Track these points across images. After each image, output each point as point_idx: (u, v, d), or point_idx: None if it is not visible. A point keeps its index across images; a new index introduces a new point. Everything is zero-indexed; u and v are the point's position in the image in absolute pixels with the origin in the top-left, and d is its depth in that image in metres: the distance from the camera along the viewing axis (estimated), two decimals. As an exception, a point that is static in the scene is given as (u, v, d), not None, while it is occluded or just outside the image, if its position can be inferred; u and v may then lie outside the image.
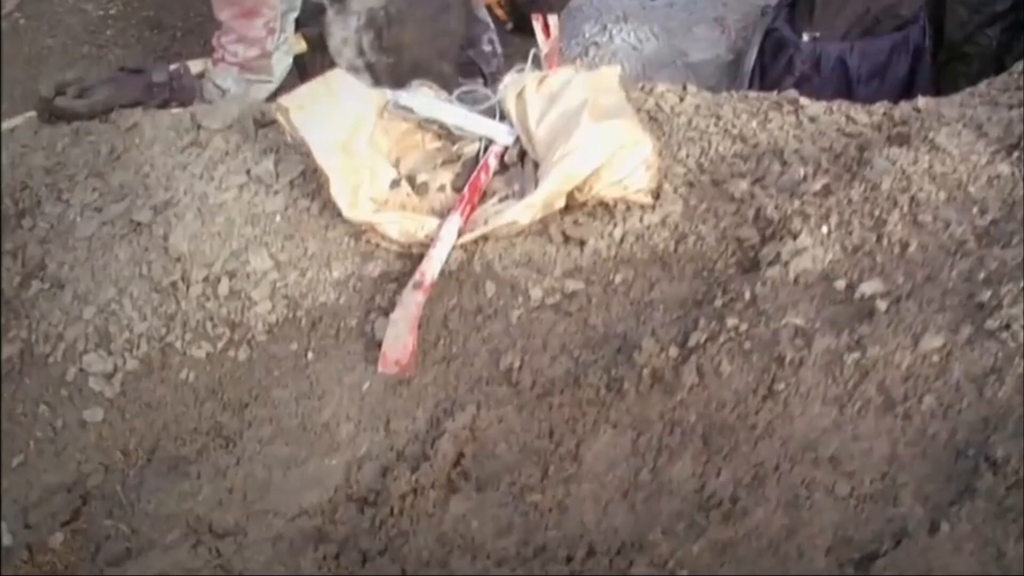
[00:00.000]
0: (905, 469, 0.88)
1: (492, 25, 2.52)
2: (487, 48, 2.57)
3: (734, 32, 2.41)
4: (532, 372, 1.09)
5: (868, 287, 1.04)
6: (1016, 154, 1.23)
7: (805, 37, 2.14)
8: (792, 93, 1.62)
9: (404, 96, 1.34)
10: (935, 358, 0.94)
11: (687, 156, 1.41)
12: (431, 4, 2.23)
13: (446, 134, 1.36)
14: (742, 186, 1.27)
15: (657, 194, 1.29)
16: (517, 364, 1.10)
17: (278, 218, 1.34)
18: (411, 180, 1.30)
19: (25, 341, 1.41)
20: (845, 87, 2.16)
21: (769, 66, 2.23)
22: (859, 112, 1.55)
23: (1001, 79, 1.77)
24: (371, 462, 1.09)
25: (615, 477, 0.97)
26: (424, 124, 1.35)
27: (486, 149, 1.33)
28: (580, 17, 2.64)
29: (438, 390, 1.12)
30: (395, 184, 1.29)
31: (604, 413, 1.02)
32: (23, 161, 1.79)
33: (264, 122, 1.59)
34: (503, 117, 1.35)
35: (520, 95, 1.34)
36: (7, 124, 2.02)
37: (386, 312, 1.19)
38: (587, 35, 2.58)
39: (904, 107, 1.56)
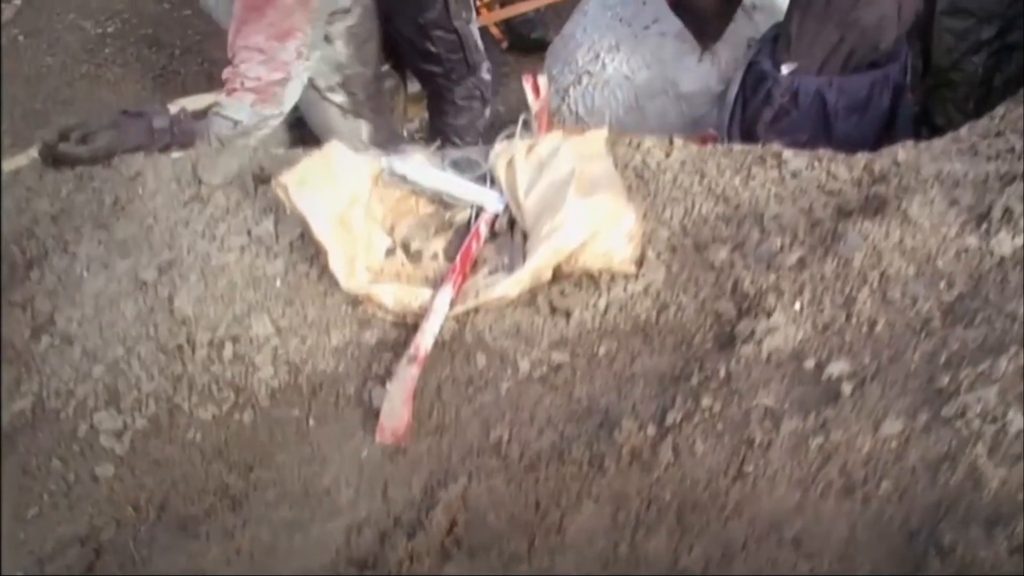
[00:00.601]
0: (862, 551, 0.97)
1: (486, 57, 2.61)
2: (486, 76, 2.64)
3: (724, 63, 2.47)
4: (520, 444, 1.17)
5: (835, 368, 1.12)
6: (984, 225, 1.30)
7: (784, 70, 2.19)
8: (776, 147, 1.69)
9: (398, 163, 1.41)
10: (893, 443, 1.02)
11: (671, 217, 1.49)
12: None
13: (439, 200, 1.43)
14: (722, 255, 1.35)
15: (640, 261, 1.36)
16: (506, 436, 1.18)
17: (278, 282, 1.42)
18: (406, 248, 1.38)
19: (36, 395, 1.49)
20: (823, 121, 2.22)
21: (750, 98, 2.29)
22: (840, 166, 1.62)
23: (983, 123, 1.84)
24: (370, 528, 1.17)
25: (596, 550, 1.06)
26: (417, 191, 1.42)
27: (477, 216, 1.40)
28: (573, 44, 2.70)
29: (432, 460, 1.20)
30: (390, 253, 1.36)
31: (586, 488, 1.10)
32: (28, 206, 1.86)
33: (263, 177, 1.66)
34: (494, 181, 1.43)
35: (510, 163, 1.41)
36: (10, 165, 2.09)
37: (382, 381, 1.27)
38: (580, 63, 2.64)
39: (884, 159, 1.64)
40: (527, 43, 3.35)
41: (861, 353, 1.14)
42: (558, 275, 1.32)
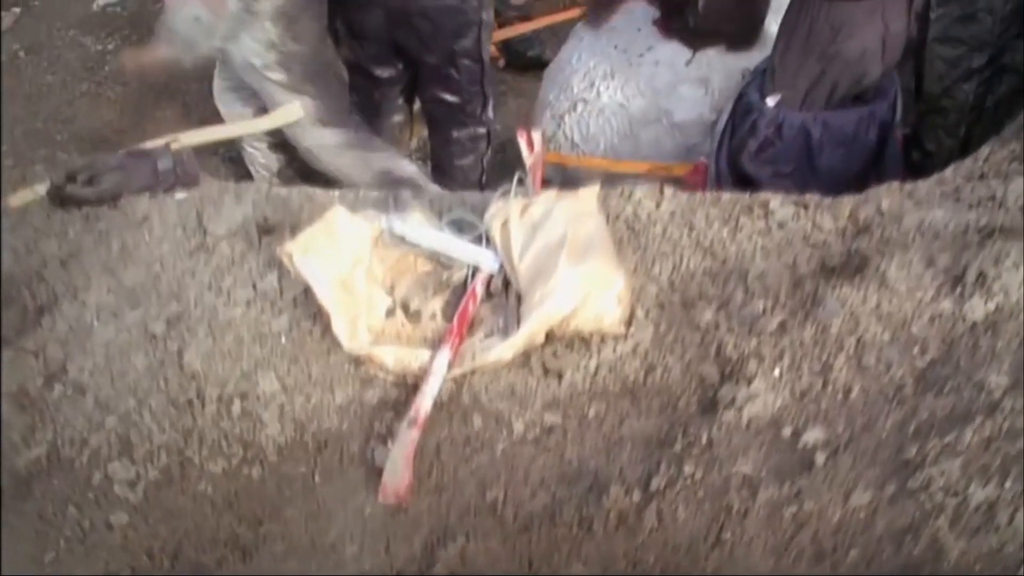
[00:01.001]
0: (830, 618, 1.05)
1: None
2: (491, 115, 2.70)
3: (717, 93, 2.54)
4: (514, 505, 1.25)
5: (811, 436, 1.20)
6: (959, 289, 1.38)
7: (769, 102, 2.25)
8: (763, 195, 1.77)
9: (398, 224, 1.48)
10: (862, 514, 1.10)
11: (660, 273, 1.56)
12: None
13: (436, 259, 1.50)
14: (707, 316, 1.42)
15: (630, 321, 1.44)
16: (501, 497, 1.26)
17: (283, 339, 1.50)
18: (405, 308, 1.45)
19: (51, 443, 1.57)
20: (807, 154, 2.28)
21: (737, 128, 2.36)
22: (825, 215, 1.70)
23: (967, 164, 1.91)
24: (373, 583, 1.26)
25: (585, 610, 1.14)
26: (416, 251, 1.49)
27: (473, 275, 1.48)
28: (569, 70, 2.76)
29: (432, 518, 1.28)
30: (390, 313, 1.44)
31: (576, 550, 1.18)
32: (37, 248, 1.93)
33: (267, 227, 1.74)
34: (490, 241, 1.50)
35: (505, 224, 1.48)
36: (17, 200, 2.16)
37: (384, 440, 1.35)
38: (576, 90, 2.71)
39: (868, 207, 1.71)
40: (524, 61, 3.40)
41: (836, 421, 1.22)
42: (551, 336, 1.39)
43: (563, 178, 2.77)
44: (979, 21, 2.59)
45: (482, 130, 2.66)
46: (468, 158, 2.65)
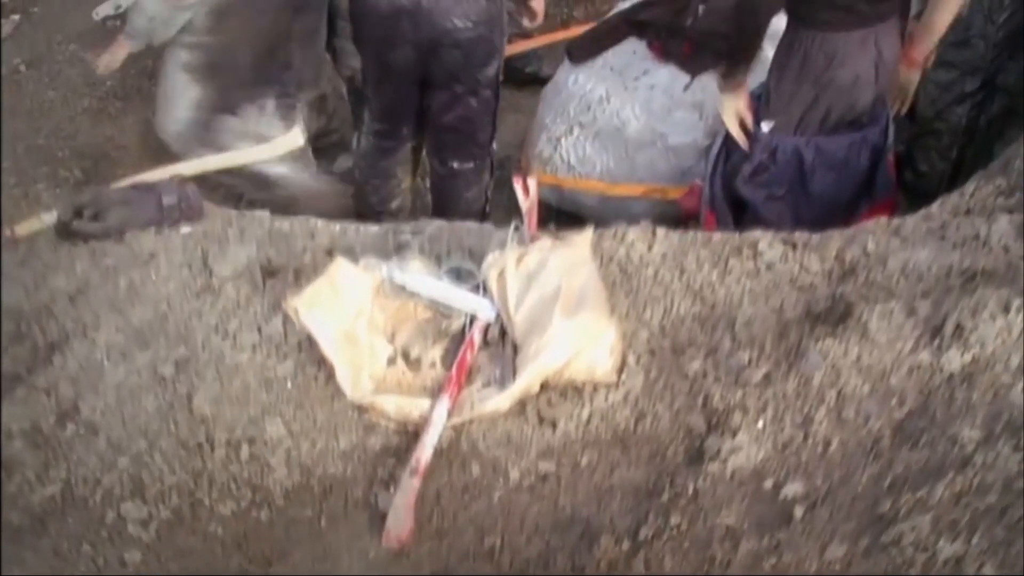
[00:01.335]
0: (806, 668, 1.13)
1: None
2: (494, 146, 2.76)
3: (711, 118, 2.60)
4: (511, 552, 1.33)
5: (791, 489, 1.28)
6: (937, 341, 1.45)
7: (764, 127, 2.31)
8: (753, 236, 1.83)
9: (398, 274, 1.55)
10: (837, 567, 1.18)
11: (651, 318, 1.64)
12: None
13: (435, 306, 1.58)
14: (695, 364, 1.50)
15: (621, 367, 1.52)
16: (498, 544, 1.34)
17: (289, 384, 1.57)
18: (406, 356, 1.52)
19: (65, 482, 1.64)
20: (800, 178, 2.35)
21: (732, 152, 2.42)
22: (812, 257, 1.77)
23: (954, 199, 1.98)
24: (377, 624, 1.34)
25: (576, 656, 1.22)
26: (416, 299, 1.56)
27: (471, 323, 1.55)
28: (566, 93, 2.82)
29: (433, 562, 1.36)
30: (391, 361, 1.51)
31: (569, 597, 1.26)
32: (45, 282, 2.00)
33: (271, 270, 1.81)
34: (487, 290, 1.57)
35: (501, 274, 1.55)
36: (24, 229, 2.22)
37: (387, 486, 1.43)
38: (572, 114, 2.77)
39: (855, 248, 1.78)
40: (521, 77, 3.45)
41: (815, 474, 1.29)
42: (545, 385, 1.47)
43: (560, 199, 2.84)
44: (972, 46, 2.65)
45: (487, 161, 2.72)
46: (473, 190, 2.71)
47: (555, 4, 3.64)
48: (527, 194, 1.68)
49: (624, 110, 2.67)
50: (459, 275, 1.58)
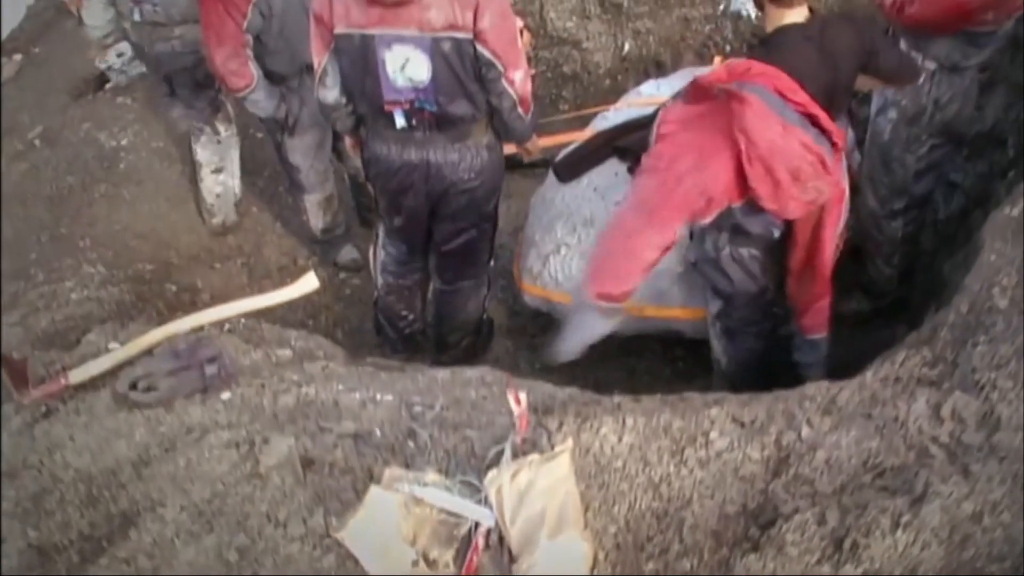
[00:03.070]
0: None
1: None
2: (492, 264, 3.17)
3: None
4: None
5: None
6: (837, 555, 1.93)
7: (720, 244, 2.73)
8: (705, 426, 2.29)
9: (418, 490, 2.02)
10: None
11: (618, 512, 2.11)
12: None
13: (448, 512, 2.05)
14: (651, 565, 1.98)
15: (593, 565, 2.00)
16: None
17: (333, 577, 2.06)
18: (426, 558, 2.01)
19: (152, 644, 2.15)
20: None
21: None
22: (753, 446, 2.23)
23: (886, 368, 2.42)
24: None
25: None
26: (433, 508, 2.04)
27: (476, 528, 2.03)
28: (553, 212, 3.20)
29: None
30: (415, 564, 2.00)
31: None
32: (109, 447, 2.44)
33: (308, 460, 2.26)
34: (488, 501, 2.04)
35: (499, 490, 2.01)
36: (80, 376, 2.64)
37: (413, 669, 1.94)
38: (559, 234, 3.15)
39: (790, 434, 2.24)
40: (512, 162, 3.78)
41: (734, 677, 1.80)
42: (534, 587, 1.96)
43: (550, 308, 3.27)
44: (893, 171, 3.03)
45: (484, 277, 3.13)
46: (471, 303, 3.13)
47: (544, 84, 3.94)
48: (519, 402, 2.13)
49: (606, 234, 3.06)
50: (466, 490, 2.04)
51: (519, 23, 3.74)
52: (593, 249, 2.52)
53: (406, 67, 2.55)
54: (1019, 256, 2.55)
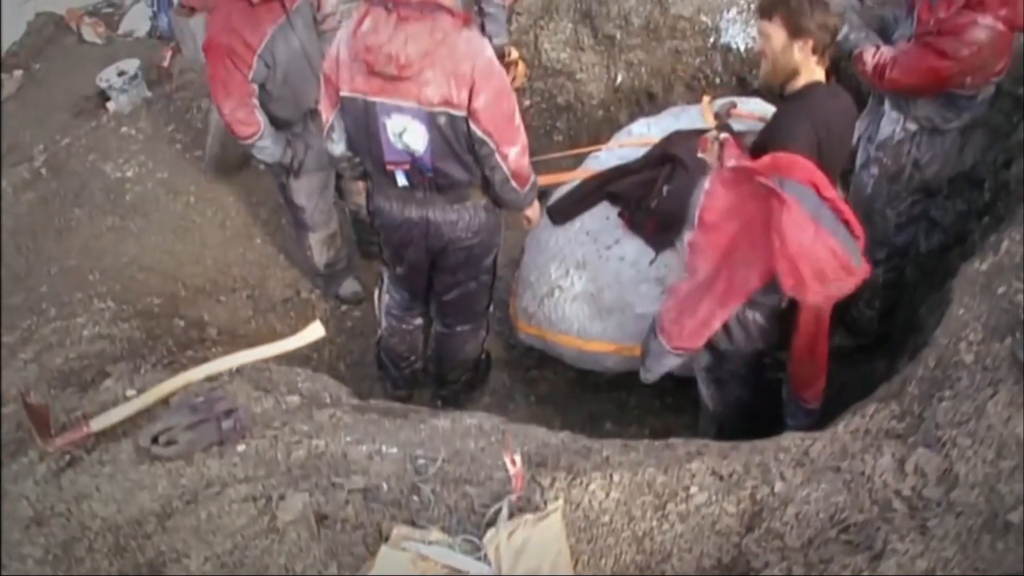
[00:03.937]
0: None
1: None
2: (491, 309, 3.38)
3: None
4: None
5: None
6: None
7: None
8: (685, 480, 2.54)
9: (424, 548, 2.27)
10: None
11: (605, 565, 2.36)
12: None
13: (452, 568, 2.30)
14: (635, 623, 2.24)
15: (583, 619, 2.26)
16: None
17: (349, 629, 2.31)
18: (431, 611, 2.26)
19: None
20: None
21: None
22: (729, 500, 2.47)
23: (856, 421, 2.65)
24: None
25: None
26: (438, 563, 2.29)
27: (476, 583, 2.28)
28: (547, 254, 3.40)
29: None
30: (421, 616, 2.25)
31: None
32: (134, 498, 2.68)
33: (321, 516, 2.50)
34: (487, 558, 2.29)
35: (497, 548, 2.26)
36: (99, 424, 2.86)
37: None
38: (553, 276, 3.36)
39: (764, 488, 2.48)
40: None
41: None
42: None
43: (544, 346, 3.50)
44: (875, 224, 3.22)
45: (483, 322, 3.35)
46: (470, 344, 3.35)
47: (538, 115, 4.11)
48: (515, 464, 2.37)
49: (598, 279, 3.26)
50: (467, 548, 2.29)
51: (514, 54, 3.93)
52: (666, 305, 2.82)
53: (404, 135, 2.73)
54: (985, 312, 2.76)
